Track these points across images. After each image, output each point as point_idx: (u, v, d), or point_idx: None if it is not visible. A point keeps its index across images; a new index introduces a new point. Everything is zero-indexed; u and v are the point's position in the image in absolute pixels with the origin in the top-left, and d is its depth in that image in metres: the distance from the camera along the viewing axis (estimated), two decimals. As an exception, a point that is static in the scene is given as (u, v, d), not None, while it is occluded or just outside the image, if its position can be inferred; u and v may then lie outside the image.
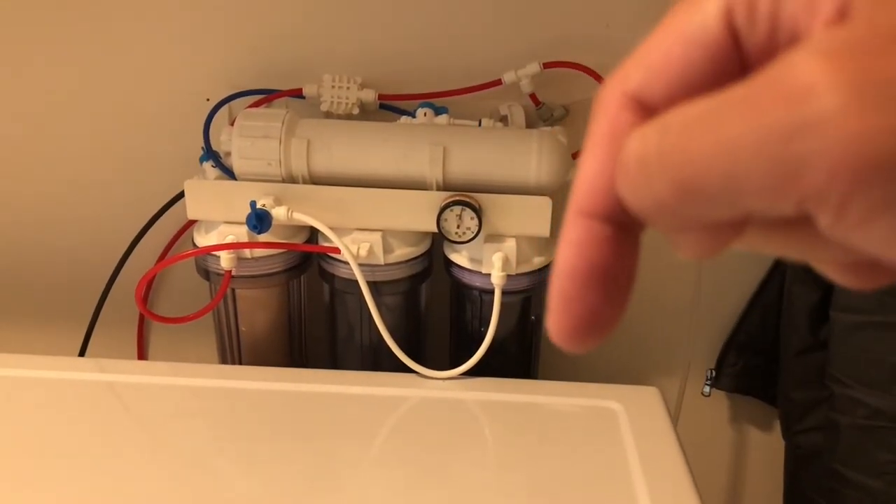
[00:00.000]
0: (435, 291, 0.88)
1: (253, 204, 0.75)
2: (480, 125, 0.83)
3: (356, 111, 0.86)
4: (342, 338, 0.86)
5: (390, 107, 0.88)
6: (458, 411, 0.75)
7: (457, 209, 0.75)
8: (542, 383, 0.80)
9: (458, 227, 0.76)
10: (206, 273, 0.83)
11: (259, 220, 0.74)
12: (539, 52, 0.85)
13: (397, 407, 0.75)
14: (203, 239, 0.81)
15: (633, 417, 0.73)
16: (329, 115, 0.87)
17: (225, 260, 0.78)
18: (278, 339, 0.87)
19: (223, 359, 0.89)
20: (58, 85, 0.91)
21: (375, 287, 0.79)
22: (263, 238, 0.78)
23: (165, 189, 0.90)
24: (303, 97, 0.87)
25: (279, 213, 0.76)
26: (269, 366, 0.82)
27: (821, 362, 0.87)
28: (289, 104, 0.88)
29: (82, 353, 0.95)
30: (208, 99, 0.89)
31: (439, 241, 0.83)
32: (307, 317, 0.91)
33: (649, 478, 0.64)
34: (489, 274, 0.77)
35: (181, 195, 0.88)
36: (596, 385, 0.78)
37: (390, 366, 0.79)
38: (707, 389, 1.01)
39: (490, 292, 0.78)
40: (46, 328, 1.03)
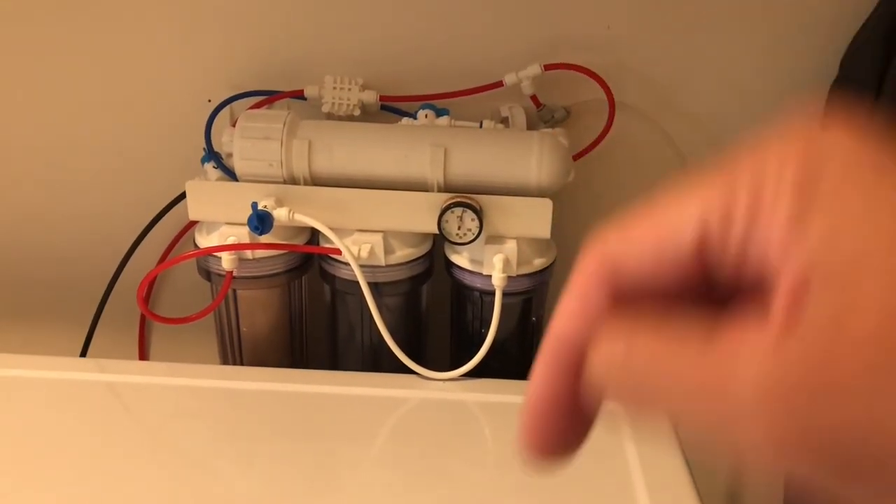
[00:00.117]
0: (436, 292, 0.88)
1: (254, 205, 0.75)
2: (481, 126, 0.83)
3: (357, 112, 0.86)
4: (343, 338, 0.86)
5: (391, 108, 0.88)
6: (459, 412, 0.75)
7: (458, 210, 0.75)
8: (543, 385, 0.80)
9: (459, 229, 0.76)
10: (208, 274, 0.83)
11: (260, 222, 0.75)
12: (540, 54, 0.85)
13: (397, 408, 0.75)
14: (204, 240, 0.82)
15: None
16: (330, 117, 0.87)
17: (226, 261, 0.78)
18: (279, 340, 0.87)
19: (224, 359, 0.89)
20: (59, 86, 0.91)
21: (376, 288, 0.79)
22: (265, 239, 0.78)
23: (167, 190, 0.90)
24: (304, 98, 0.87)
25: (280, 215, 0.76)
26: (270, 366, 0.82)
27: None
28: (290, 105, 0.88)
29: (83, 354, 0.95)
30: (210, 100, 0.89)
31: (440, 243, 0.83)
32: (308, 318, 0.91)
33: (649, 479, 0.64)
34: (490, 275, 0.77)
35: (182, 196, 0.88)
36: (596, 387, 0.78)
37: (391, 367, 0.79)
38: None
39: (491, 293, 0.78)
40: (47, 328, 1.03)
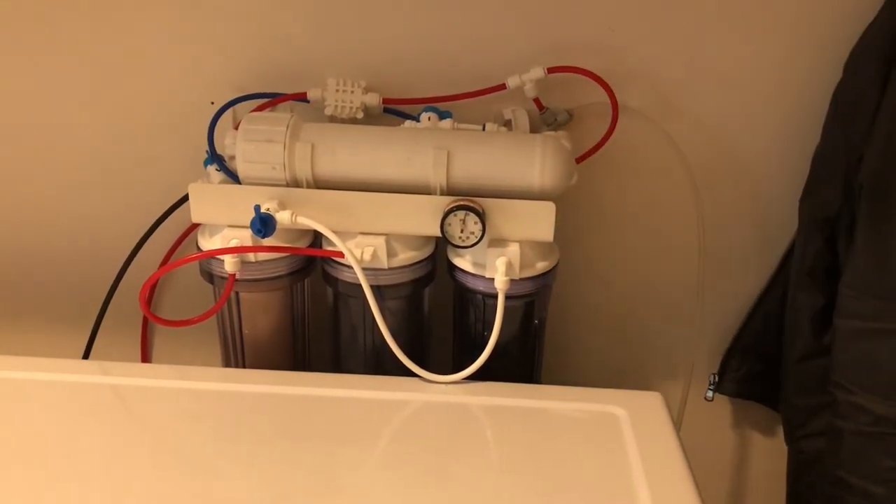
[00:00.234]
0: (438, 295, 0.89)
1: (257, 208, 0.75)
2: (484, 129, 0.83)
3: (360, 115, 0.86)
4: (345, 341, 0.86)
5: (394, 111, 0.89)
6: (461, 415, 0.75)
7: (461, 214, 0.75)
8: (546, 388, 0.80)
9: (462, 232, 0.76)
10: (210, 276, 0.83)
11: (263, 224, 0.75)
12: (543, 57, 0.85)
13: (400, 411, 0.75)
14: (207, 242, 0.82)
15: (636, 422, 0.73)
16: (333, 119, 0.87)
17: (229, 263, 0.78)
18: (281, 343, 0.88)
19: (227, 362, 0.89)
20: (62, 88, 0.91)
21: (379, 291, 0.79)
22: (267, 242, 0.78)
23: (170, 192, 0.90)
24: (307, 101, 0.87)
25: (283, 217, 0.76)
26: (273, 369, 0.82)
27: (824, 368, 0.87)
28: (293, 108, 0.88)
29: (86, 356, 0.95)
30: (213, 102, 0.89)
31: (443, 246, 0.83)
32: (310, 320, 0.91)
33: (652, 483, 0.64)
34: (493, 278, 0.77)
35: (185, 199, 0.88)
36: (599, 390, 0.78)
37: (393, 369, 0.79)
38: (710, 394, 1.01)
39: (493, 297, 0.78)
40: (50, 331, 1.03)
